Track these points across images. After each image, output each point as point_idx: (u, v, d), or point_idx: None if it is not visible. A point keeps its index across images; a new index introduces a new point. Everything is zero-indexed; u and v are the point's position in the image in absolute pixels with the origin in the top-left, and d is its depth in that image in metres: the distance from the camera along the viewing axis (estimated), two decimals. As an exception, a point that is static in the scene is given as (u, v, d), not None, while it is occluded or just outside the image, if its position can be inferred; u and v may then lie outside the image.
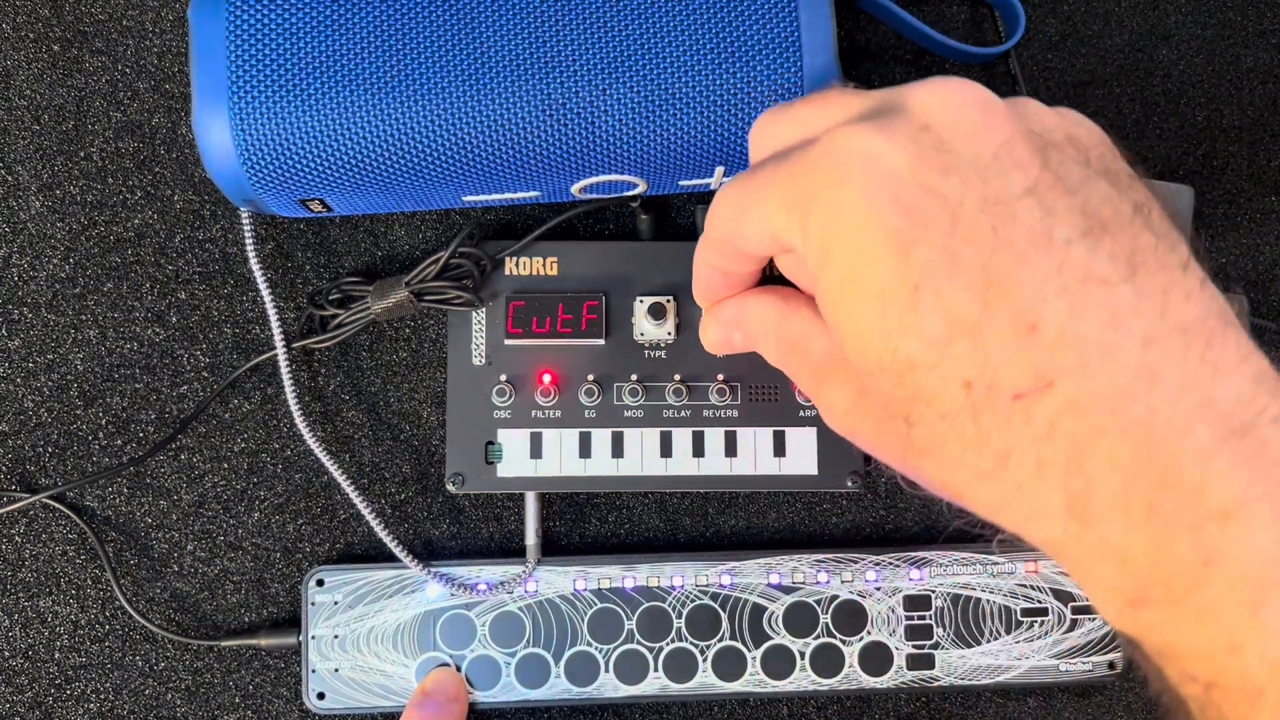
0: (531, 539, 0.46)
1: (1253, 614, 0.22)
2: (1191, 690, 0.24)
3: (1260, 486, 0.23)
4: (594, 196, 0.43)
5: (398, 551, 0.45)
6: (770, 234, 0.29)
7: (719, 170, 0.40)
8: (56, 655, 0.46)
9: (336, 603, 0.45)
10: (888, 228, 0.25)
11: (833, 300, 0.27)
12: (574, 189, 0.41)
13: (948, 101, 0.26)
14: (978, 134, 0.26)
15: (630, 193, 0.42)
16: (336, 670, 0.45)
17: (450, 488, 0.45)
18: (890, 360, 0.26)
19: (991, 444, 0.25)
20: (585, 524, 0.48)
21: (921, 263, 0.25)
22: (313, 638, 0.45)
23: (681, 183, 0.42)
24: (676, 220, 0.48)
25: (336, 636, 0.45)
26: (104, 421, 0.47)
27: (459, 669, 0.46)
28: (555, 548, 0.48)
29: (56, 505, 0.46)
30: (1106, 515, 0.24)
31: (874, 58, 0.48)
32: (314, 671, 0.45)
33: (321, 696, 0.45)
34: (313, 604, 0.45)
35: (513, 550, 0.47)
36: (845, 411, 0.30)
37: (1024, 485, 0.25)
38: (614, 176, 0.40)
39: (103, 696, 0.46)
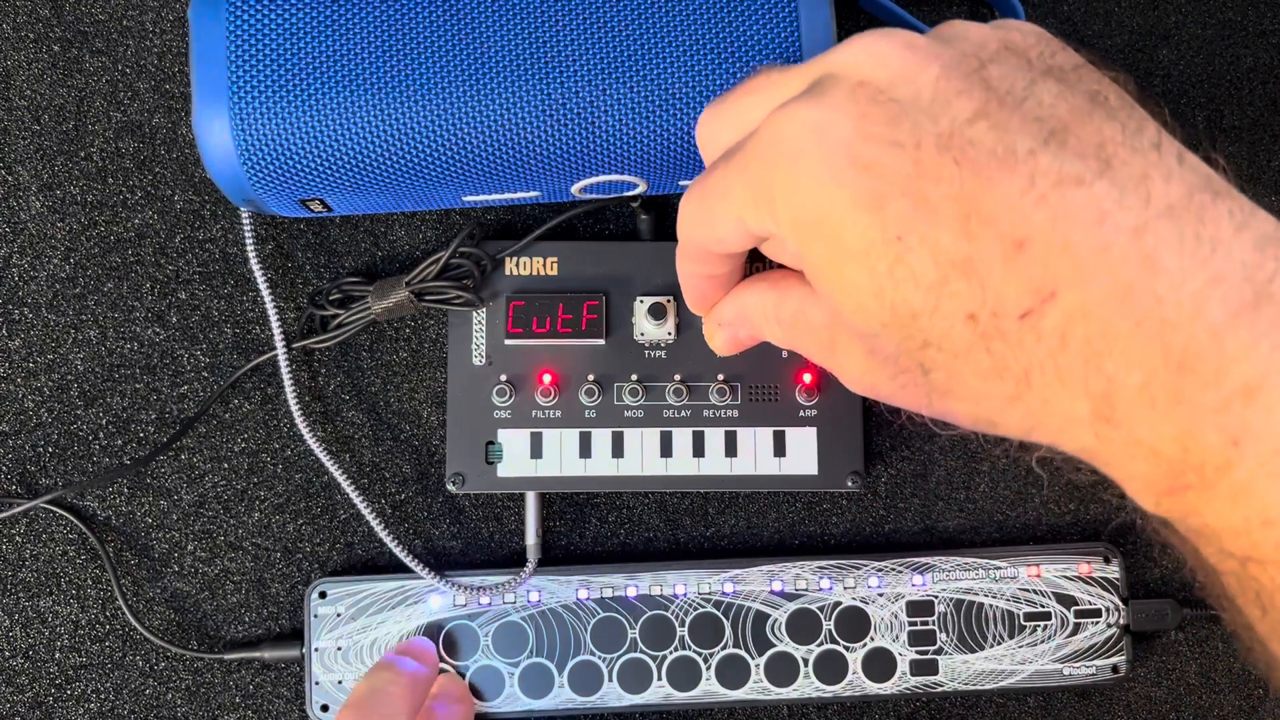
0: (531, 539, 0.46)
1: None
2: (1229, 566, 0.24)
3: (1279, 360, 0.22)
4: (594, 196, 0.43)
5: (397, 551, 0.45)
6: (743, 229, 0.29)
7: (719, 170, 0.40)
8: (57, 655, 0.46)
9: (339, 615, 0.45)
10: (854, 189, 0.25)
11: (821, 275, 0.27)
12: (574, 189, 0.41)
13: (872, 53, 0.26)
14: (911, 75, 0.26)
15: (630, 193, 0.42)
16: (340, 682, 0.45)
17: (450, 488, 0.45)
18: (891, 316, 0.26)
19: (1010, 368, 0.25)
20: (585, 524, 0.48)
21: (896, 214, 0.25)
22: (315, 650, 0.45)
23: (681, 183, 0.42)
24: (676, 220, 0.48)
25: (340, 648, 0.45)
26: (104, 422, 0.47)
27: (462, 678, 0.45)
28: (555, 548, 0.48)
29: (57, 509, 0.46)
30: (1132, 412, 0.24)
31: (874, 58, 0.48)
32: (317, 684, 0.45)
33: (325, 709, 0.45)
34: (315, 616, 0.45)
35: (513, 550, 0.47)
36: (861, 373, 0.30)
37: (1049, 400, 0.25)
38: (614, 176, 0.40)
39: (103, 697, 0.46)
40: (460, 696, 0.44)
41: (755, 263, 0.36)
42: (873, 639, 0.46)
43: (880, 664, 0.46)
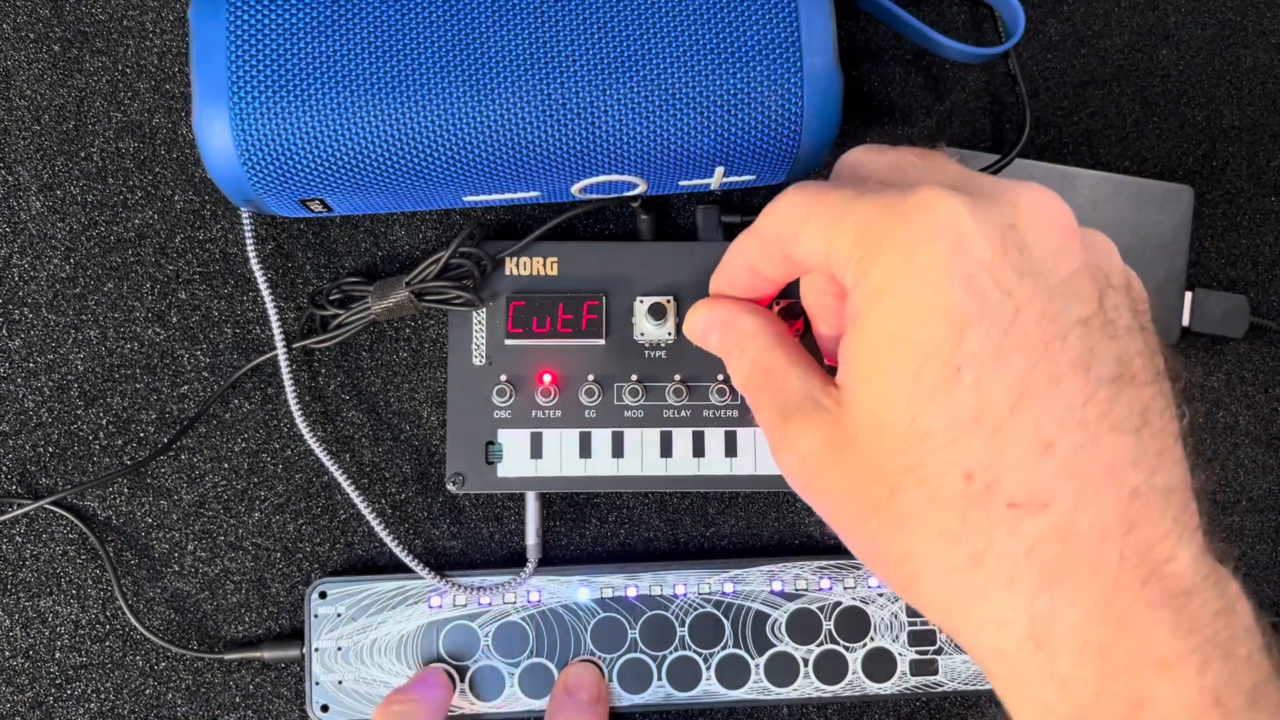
0: (532, 539, 0.46)
1: None
2: None
3: (1193, 642, 0.25)
4: (594, 196, 0.43)
5: (397, 551, 0.45)
6: (825, 251, 0.29)
7: (719, 170, 0.40)
8: (57, 655, 0.46)
9: (339, 615, 0.45)
10: (952, 300, 0.26)
11: (871, 345, 0.27)
12: (574, 189, 0.41)
13: (1041, 213, 0.28)
14: (1056, 253, 0.27)
15: (630, 193, 0.42)
16: (340, 682, 0.45)
17: (450, 488, 0.45)
18: (905, 426, 0.26)
19: (969, 542, 0.26)
20: (585, 524, 0.48)
21: (970, 346, 0.26)
22: (316, 650, 0.45)
23: (681, 183, 0.42)
24: (676, 220, 0.48)
25: (340, 649, 0.45)
26: (104, 422, 0.47)
27: (462, 678, 0.45)
28: (555, 548, 0.48)
29: (57, 509, 0.46)
30: (1062, 644, 0.25)
31: (874, 58, 0.48)
32: (318, 684, 0.45)
33: (325, 709, 0.45)
34: (315, 616, 0.45)
35: (513, 550, 0.47)
36: (808, 455, 0.30)
37: (989, 593, 0.26)
38: (614, 176, 0.40)
39: (103, 696, 0.46)
40: (443, 685, 0.45)
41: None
42: (873, 639, 0.46)
43: (880, 664, 0.46)
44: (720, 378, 0.46)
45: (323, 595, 0.45)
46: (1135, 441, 0.26)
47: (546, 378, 0.45)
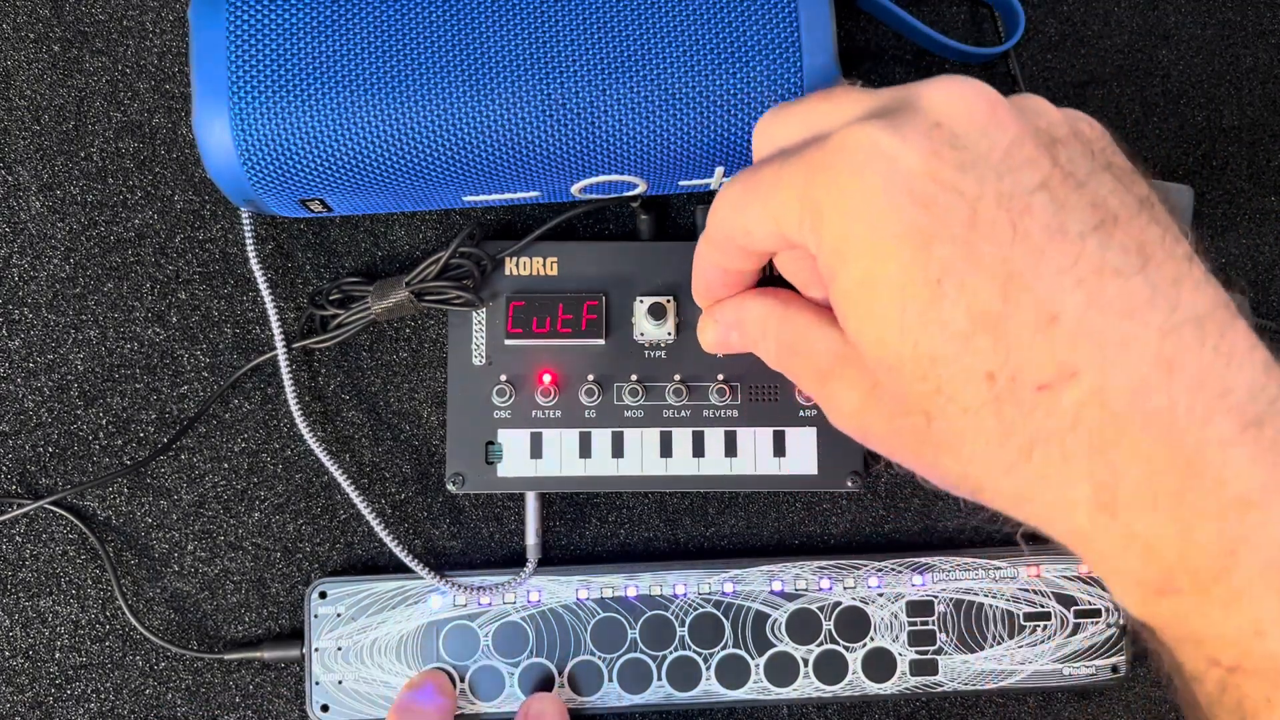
0: (531, 539, 0.46)
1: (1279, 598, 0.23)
2: (1213, 674, 0.25)
3: (1278, 475, 0.23)
4: (594, 196, 0.43)
5: (397, 551, 0.45)
6: (777, 231, 0.29)
7: (719, 170, 0.40)
8: (57, 655, 0.46)
9: (339, 615, 0.45)
10: (907, 223, 0.25)
11: (850, 298, 0.27)
12: (574, 189, 0.41)
13: (957, 100, 0.27)
14: (988, 132, 0.26)
15: (630, 193, 0.42)
16: (340, 682, 0.45)
17: (450, 488, 0.45)
18: (911, 355, 0.26)
19: (1015, 436, 0.25)
20: (585, 524, 0.48)
21: (942, 258, 0.25)
22: (316, 650, 0.45)
23: (681, 183, 0.42)
24: (676, 220, 0.48)
25: (340, 649, 0.45)
26: (104, 422, 0.47)
27: (462, 679, 0.45)
28: (555, 548, 0.48)
29: (57, 509, 0.46)
30: (1133, 505, 0.24)
31: (874, 58, 0.48)
32: (318, 684, 0.45)
33: (325, 709, 0.45)
34: (315, 616, 0.45)
35: (513, 550, 0.47)
36: (854, 410, 0.30)
37: (1049, 477, 0.25)
38: (614, 176, 0.40)
39: (103, 696, 0.46)
40: (445, 691, 0.44)
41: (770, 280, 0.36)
42: (873, 639, 0.46)
43: (880, 664, 0.46)
44: (720, 377, 0.46)
45: (323, 595, 0.45)
46: (1143, 281, 0.25)
47: (546, 378, 0.45)
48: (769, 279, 0.35)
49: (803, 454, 0.46)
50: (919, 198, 0.25)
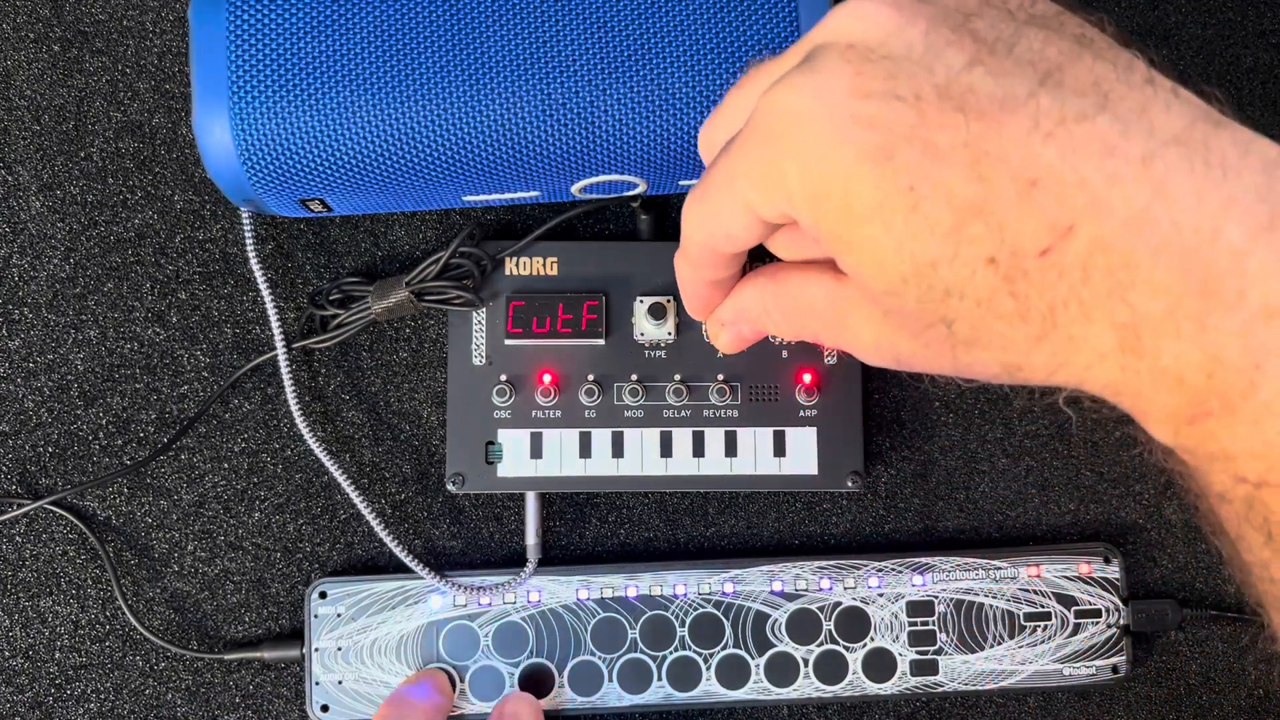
0: (531, 539, 0.46)
1: None
2: (1240, 492, 0.25)
3: None
4: (594, 196, 0.43)
5: (397, 551, 0.45)
6: (753, 217, 0.29)
7: (719, 170, 0.40)
8: (57, 655, 0.46)
9: (339, 615, 0.45)
10: (860, 144, 0.25)
11: (839, 239, 0.27)
12: (574, 189, 0.41)
13: (858, 16, 0.26)
14: (899, 31, 0.26)
15: (630, 193, 0.42)
16: (340, 682, 0.45)
17: (450, 488, 0.45)
18: (911, 268, 0.26)
19: (1034, 307, 0.25)
20: (585, 524, 0.48)
21: (905, 164, 0.25)
22: (316, 650, 0.45)
23: (681, 183, 0.42)
24: (676, 220, 0.48)
25: (340, 649, 0.45)
26: (104, 422, 0.47)
27: (462, 679, 0.45)
28: (555, 548, 0.48)
29: (57, 509, 0.46)
30: (1158, 340, 0.24)
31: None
32: (318, 684, 0.45)
33: (325, 709, 0.45)
34: (315, 616, 0.45)
35: (513, 550, 0.47)
36: (876, 342, 0.30)
37: (1075, 336, 0.25)
38: (614, 176, 0.40)
39: (103, 696, 0.46)
40: (443, 690, 0.44)
41: (753, 262, 0.36)
42: (873, 639, 0.46)
43: (880, 664, 0.46)
44: (720, 377, 0.46)
45: (323, 595, 0.45)
46: (1109, 118, 0.24)
47: (546, 378, 0.45)
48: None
49: (803, 454, 0.46)
50: (861, 119, 0.25)
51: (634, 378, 0.45)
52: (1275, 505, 0.24)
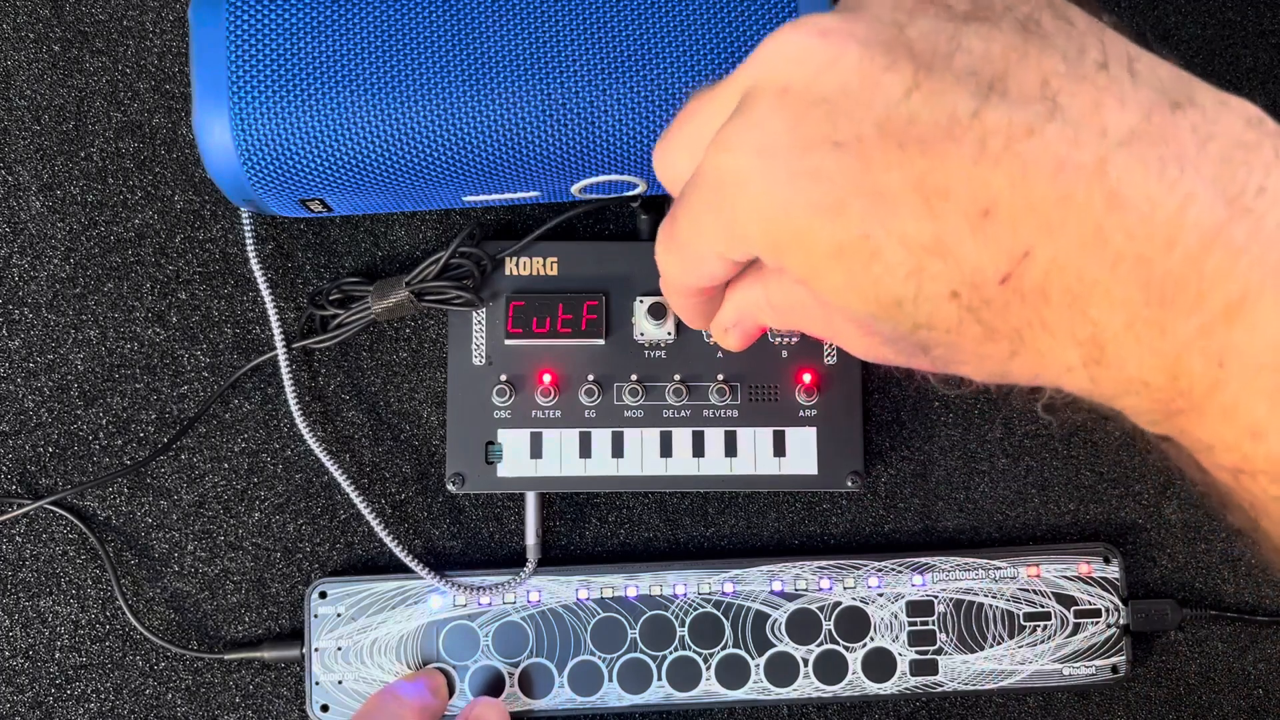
0: (531, 539, 0.46)
1: (1271, 401, 0.23)
2: (1223, 476, 0.25)
3: (1260, 270, 0.22)
4: (594, 196, 0.43)
5: (397, 551, 0.45)
6: (727, 261, 0.29)
7: (719, 170, 0.40)
8: (57, 655, 0.46)
9: (339, 615, 0.45)
10: (810, 200, 0.25)
11: (807, 280, 0.27)
12: (574, 189, 0.41)
13: (787, 55, 0.25)
14: (831, 65, 0.25)
15: (630, 193, 0.42)
16: (340, 682, 0.45)
17: (450, 488, 0.45)
18: (877, 308, 0.26)
19: (1001, 331, 0.25)
20: (585, 524, 0.48)
21: (857, 213, 0.24)
22: (316, 650, 0.45)
23: (681, 183, 0.42)
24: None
25: (340, 649, 0.45)
26: (104, 422, 0.47)
27: (461, 679, 0.45)
28: (555, 548, 0.48)
29: (57, 509, 0.46)
30: (1120, 351, 0.24)
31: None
32: (318, 684, 0.45)
33: (325, 709, 0.45)
34: (315, 616, 0.45)
35: (513, 550, 0.47)
36: (862, 348, 0.30)
37: (1043, 352, 0.25)
38: (614, 176, 0.40)
39: (103, 697, 0.46)
40: (435, 690, 0.44)
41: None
42: (873, 639, 0.46)
43: (880, 664, 0.46)
44: (720, 377, 0.46)
45: (323, 595, 0.45)
46: (1059, 125, 0.23)
47: (546, 378, 0.45)
48: None
49: (803, 454, 0.46)
50: (806, 174, 0.25)
51: (634, 378, 0.45)
52: (1258, 490, 0.24)
